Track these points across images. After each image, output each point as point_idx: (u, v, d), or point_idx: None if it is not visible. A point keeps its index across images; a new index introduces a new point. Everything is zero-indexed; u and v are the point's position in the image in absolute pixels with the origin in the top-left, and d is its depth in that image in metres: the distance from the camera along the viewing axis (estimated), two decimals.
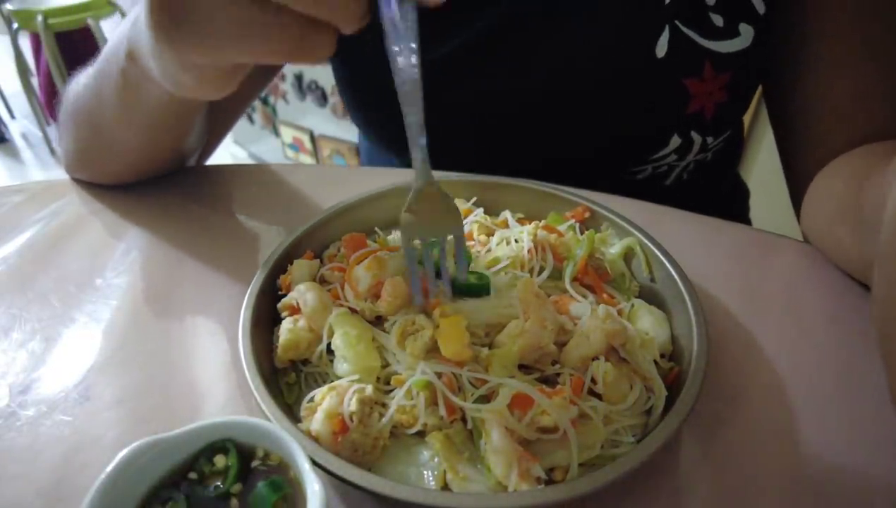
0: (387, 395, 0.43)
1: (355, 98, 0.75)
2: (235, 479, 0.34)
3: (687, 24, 0.61)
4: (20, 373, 0.50)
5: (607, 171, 0.72)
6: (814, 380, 0.49)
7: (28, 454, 0.44)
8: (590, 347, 0.43)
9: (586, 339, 0.44)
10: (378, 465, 0.40)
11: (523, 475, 0.38)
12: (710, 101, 0.65)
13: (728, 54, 0.62)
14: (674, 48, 0.62)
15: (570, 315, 0.47)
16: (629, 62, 0.64)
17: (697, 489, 0.42)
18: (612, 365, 0.43)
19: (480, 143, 0.72)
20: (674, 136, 0.67)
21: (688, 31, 0.61)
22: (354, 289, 0.48)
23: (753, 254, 0.61)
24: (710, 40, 0.62)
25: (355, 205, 0.58)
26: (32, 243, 0.63)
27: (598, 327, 0.43)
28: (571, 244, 0.53)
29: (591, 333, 0.43)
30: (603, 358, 0.43)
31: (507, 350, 0.43)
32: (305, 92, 2.43)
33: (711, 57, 0.62)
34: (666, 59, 0.62)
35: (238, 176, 0.74)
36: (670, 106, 0.65)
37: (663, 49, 0.62)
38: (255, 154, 2.94)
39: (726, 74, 0.63)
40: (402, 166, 0.81)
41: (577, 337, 0.44)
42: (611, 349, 0.44)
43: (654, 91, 0.65)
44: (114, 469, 0.32)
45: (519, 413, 0.40)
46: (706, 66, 0.62)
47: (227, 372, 0.50)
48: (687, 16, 0.61)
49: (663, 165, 0.72)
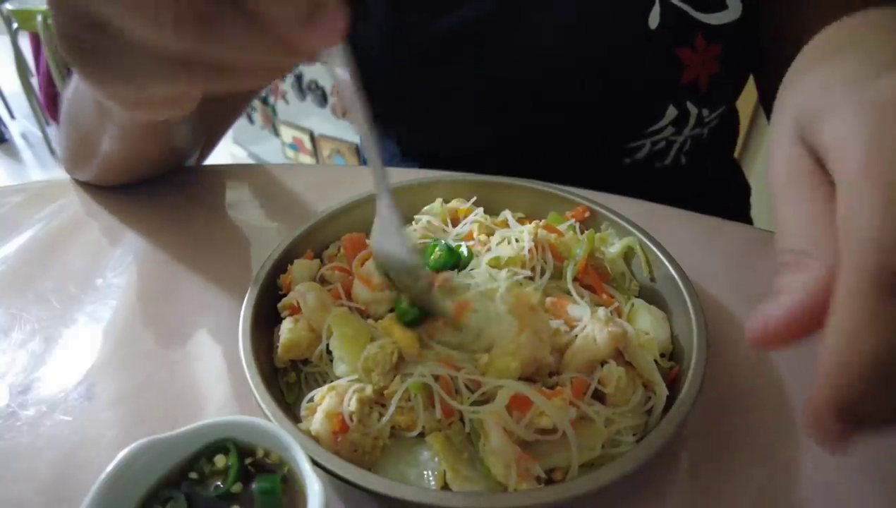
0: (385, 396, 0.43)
1: (359, 80, 0.75)
2: (235, 479, 0.34)
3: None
4: (20, 373, 0.50)
5: (606, 147, 0.72)
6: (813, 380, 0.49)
7: (28, 454, 0.44)
8: (597, 351, 0.43)
9: (593, 342, 0.43)
10: (378, 465, 0.40)
11: (523, 475, 0.38)
12: (704, 72, 0.66)
13: (719, 26, 0.64)
14: (666, 19, 0.64)
15: (568, 317, 0.47)
16: (623, 33, 0.66)
17: (697, 488, 0.42)
18: (623, 371, 0.43)
19: (479, 120, 0.73)
20: (670, 107, 0.68)
21: (678, 2, 0.63)
22: (368, 284, 0.48)
23: (753, 253, 0.61)
24: (700, 12, 0.64)
25: (355, 205, 0.58)
26: (32, 243, 0.63)
27: (605, 330, 0.43)
28: (571, 244, 0.53)
29: (598, 336, 0.43)
30: (613, 362, 0.43)
31: (505, 365, 0.41)
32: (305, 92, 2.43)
33: (703, 28, 0.64)
34: (658, 30, 0.64)
35: (238, 176, 0.74)
36: (665, 75, 0.66)
37: (655, 20, 0.64)
38: (255, 154, 2.94)
39: (718, 46, 0.65)
40: (403, 156, 0.81)
41: (581, 339, 0.44)
42: (618, 353, 0.44)
43: (648, 61, 0.67)
44: (114, 469, 0.32)
45: (518, 414, 0.40)
46: (698, 36, 0.64)
47: (227, 371, 0.50)
48: None
49: (661, 140, 0.73)
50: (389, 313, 0.47)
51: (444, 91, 0.71)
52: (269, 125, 2.80)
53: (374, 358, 0.42)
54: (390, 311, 0.47)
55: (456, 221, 0.58)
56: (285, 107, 2.59)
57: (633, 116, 0.70)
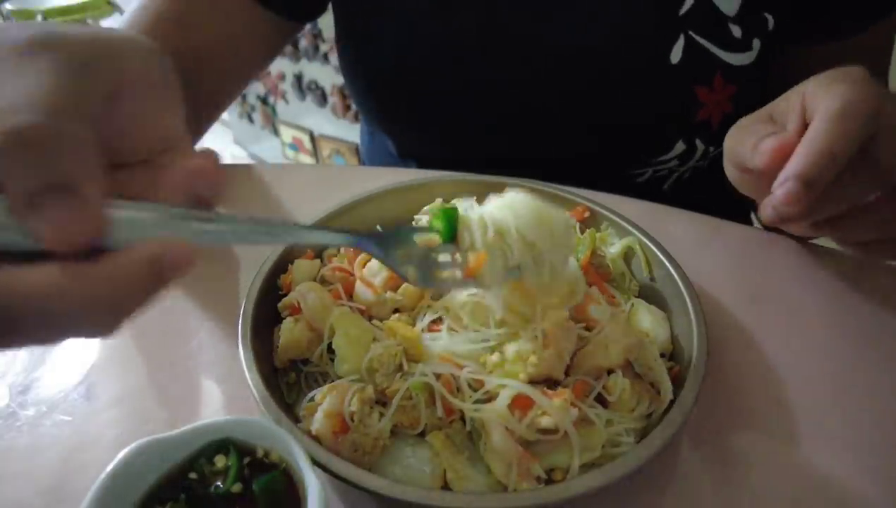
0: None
1: (365, 79, 0.74)
2: (235, 479, 0.34)
3: (702, 35, 0.62)
4: (20, 373, 0.50)
5: (609, 170, 0.72)
6: (813, 380, 0.49)
7: (28, 454, 0.44)
8: (607, 358, 0.43)
9: (604, 349, 0.43)
10: (378, 465, 0.40)
11: (523, 475, 0.38)
12: (718, 111, 0.65)
13: (739, 67, 0.63)
14: (688, 56, 0.63)
15: (590, 316, 0.46)
16: (643, 64, 0.64)
17: (697, 488, 0.42)
18: (629, 383, 0.42)
19: (488, 133, 0.73)
20: (679, 142, 0.68)
21: (703, 40, 0.62)
22: (370, 285, 0.48)
23: (753, 254, 0.61)
24: (724, 51, 0.63)
25: (355, 204, 0.58)
26: None
27: (619, 341, 0.43)
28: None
29: (611, 345, 0.43)
30: (620, 372, 0.43)
31: (514, 373, 0.41)
32: (305, 92, 2.43)
33: (723, 67, 0.63)
34: (679, 65, 0.63)
35: (238, 176, 0.74)
36: (680, 111, 0.65)
37: (678, 56, 0.63)
38: (255, 154, 2.93)
39: (734, 86, 0.64)
40: (403, 157, 0.81)
41: (592, 345, 0.44)
42: (627, 363, 0.44)
43: (664, 96, 0.66)
44: (114, 469, 0.32)
45: (519, 413, 0.40)
46: (717, 75, 0.63)
47: (227, 371, 0.50)
48: (703, 27, 0.62)
49: (664, 169, 0.72)
50: (394, 314, 0.47)
51: (450, 102, 0.70)
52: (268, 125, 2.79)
53: (378, 359, 0.42)
54: (394, 313, 0.47)
55: None
56: (285, 107, 2.59)
57: (641, 145, 0.69)
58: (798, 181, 0.40)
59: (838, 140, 0.40)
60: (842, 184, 0.42)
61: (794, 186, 0.40)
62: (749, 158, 0.44)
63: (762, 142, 0.43)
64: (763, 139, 0.43)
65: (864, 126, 0.41)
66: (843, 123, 0.40)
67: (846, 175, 0.41)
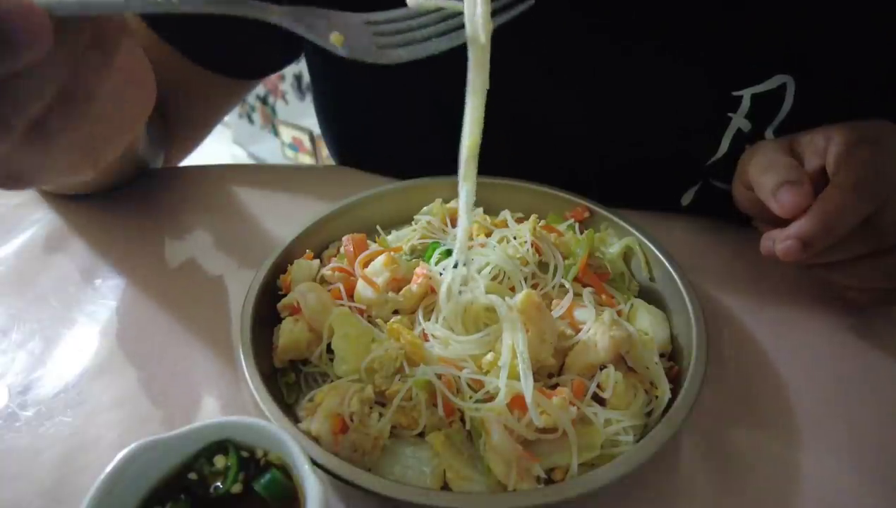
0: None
1: (341, 129, 0.76)
2: (235, 479, 0.34)
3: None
4: (20, 374, 0.50)
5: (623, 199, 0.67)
6: (813, 380, 0.49)
7: (28, 454, 0.44)
8: (597, 355, 0.43)
9: (594, 346, 0.43)
10: (378, 465, 0.40)
11: (523, 474, 0.38)
12: None
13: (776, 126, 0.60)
14: (735, 143, 0.60)
15: (574, 319, 0.47)
16: (696, 130, 0.61)
17: (696, 488, 0.42)
18: (621, 376, 0.43)
19: (518, 154, 0.66)
20: (690, 189, 0.65)
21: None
22: (372, 285, 0.48)
23: (753, 253, 0.61)
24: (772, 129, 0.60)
25: (355, 205, 0.58)
26: (32, 244, 0.63)
27: (606, 334, 0.43)
28: (571, 244, 0.53)
29: (600, 341, 0.43)
30: (612, 367, 0.43)
31: (511, 366, 0.41)
32: (305, 92, 2.43)
33: None
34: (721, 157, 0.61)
35: (238, 176, 0.74)
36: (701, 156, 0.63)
37: (727, 145, 0.60)
38: (255, 154, 2.93)
39: None
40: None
41: (582, 343, 0.44)
42: (619, 358, 0.44)
43: (690, 146, 0.62)
44: (113, 470, 0.32)
45: (519, 412, 0.40)
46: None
47: (226, 372, 0.50)
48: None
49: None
50: (394, 315, 0.47)
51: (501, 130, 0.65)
52: (268, 125, 2.79)
53: (379, 361, 0.42)
54: (394, 314, 0.47)
55: (455, 221, 0.58)
56: (285, 107, 2.59)
57: (658, 189, 0.66)
58: (799, 242, 0.44)
59: (847, 216, 0.43)
60: (839, 240, 0.44)
61: (794, 246, 0.44)
62: (764, 196, 0.46)
63: (781, 191, 0.45)
64: (782, 186, 0.45)
65: (874, 203, 0.43)
66: (855, 199, 0.43)
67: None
